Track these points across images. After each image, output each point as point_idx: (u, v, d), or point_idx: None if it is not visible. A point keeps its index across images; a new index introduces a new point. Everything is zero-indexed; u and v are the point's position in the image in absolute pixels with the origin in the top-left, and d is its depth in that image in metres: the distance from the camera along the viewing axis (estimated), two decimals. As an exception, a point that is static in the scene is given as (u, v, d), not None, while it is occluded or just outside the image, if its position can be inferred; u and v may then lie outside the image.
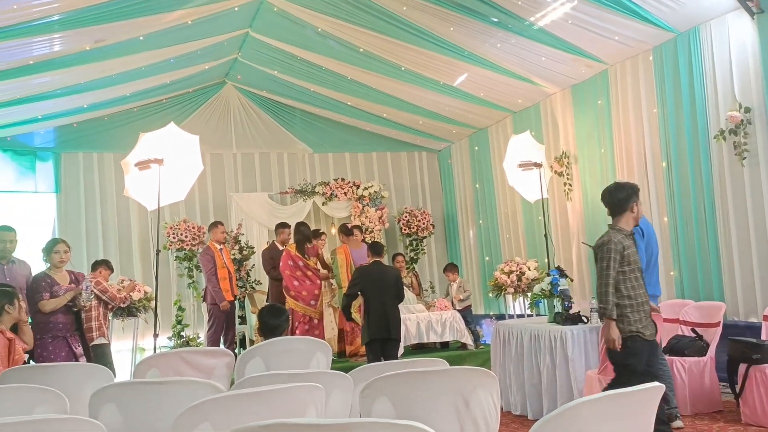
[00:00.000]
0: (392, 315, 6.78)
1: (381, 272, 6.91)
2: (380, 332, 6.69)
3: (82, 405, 3.27)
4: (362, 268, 7.07)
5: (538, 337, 5.90)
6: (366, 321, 6.79)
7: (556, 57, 7.75)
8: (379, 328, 6.70)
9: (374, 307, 6.75)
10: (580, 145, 8.57)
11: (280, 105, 11.24)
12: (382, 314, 6.73)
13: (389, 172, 12.07)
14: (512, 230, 10.19)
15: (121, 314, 7.97)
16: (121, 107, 10.08)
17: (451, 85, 9.03)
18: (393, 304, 6.86)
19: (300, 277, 8.26)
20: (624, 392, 2.07)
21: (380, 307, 6.74)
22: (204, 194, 10.89)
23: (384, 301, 6.76)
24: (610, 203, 4.46)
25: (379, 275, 6.85)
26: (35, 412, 2.98)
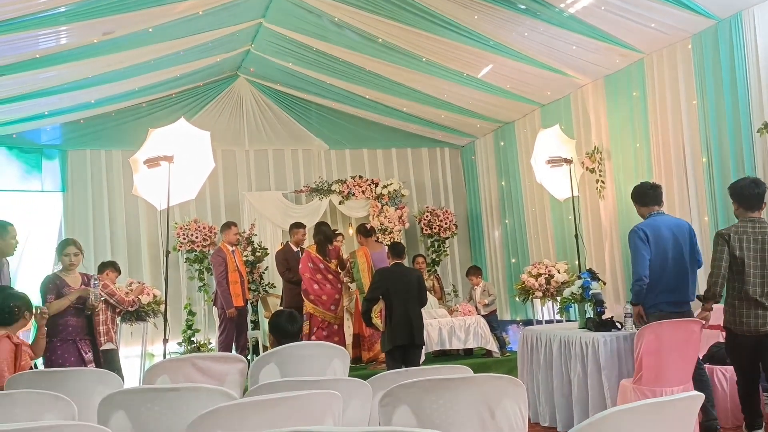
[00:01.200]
0: (415, 320, 6.78)
1: (403, 275, 6.92)
2: (403, 338, 6.70)
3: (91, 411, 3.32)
4: (383, 270, 7.07)
5: (569, 344, 5.87)
6: (388, 326, 6.80)
7: (587, 46, 7.70)
8: (401, 334, 6.70)
9: (396, 312, 6.75)
10: (613, 139, 8.51)
11: (294, 99, 11.29)
12: (404, 319, 6.73)
13: (410, 169, 12.07)
14: (540, 230, 10.15)
15: (129, 318, 8.04)
16: (129, 102, 10.18)
17: (476, 77, 9.01)
18: (416, 308, 6.86)
19: (320, 280, 8.29)
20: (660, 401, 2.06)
21: (403, 312, 6.75)
22: (215, 193, 10.97)
23: (407, 305, 6.76)
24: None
25: (401, 278, 6.85)
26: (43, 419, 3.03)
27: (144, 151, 7.15)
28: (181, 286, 10.41)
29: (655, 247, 5.32)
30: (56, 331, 5.52)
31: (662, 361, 4.91)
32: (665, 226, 5.38)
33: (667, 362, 4.92)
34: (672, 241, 5.34)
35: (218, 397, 2.89)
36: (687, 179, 7.35)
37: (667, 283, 5.33)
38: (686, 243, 5.38)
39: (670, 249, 5.33)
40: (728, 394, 5.68)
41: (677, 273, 5.34)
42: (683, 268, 5.36)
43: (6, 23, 6.36)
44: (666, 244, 5.33)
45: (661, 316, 5.23)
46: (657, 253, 5.32)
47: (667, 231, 5.36)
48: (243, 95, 11.13)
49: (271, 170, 11.38)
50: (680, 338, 4.94)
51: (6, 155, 9.87)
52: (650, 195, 5.54)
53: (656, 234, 5.34)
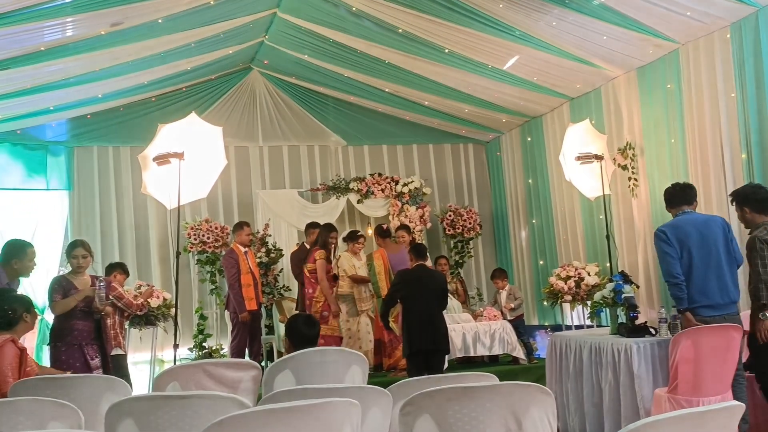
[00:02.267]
0: (439, 324, 6.79)
1: (426, 277, 6.92)
2: (426, 343, 6.70)
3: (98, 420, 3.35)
4: (405, 272, 7.08)
5: (600, 350, 5.84)
6: (407, 331, 6.79)
7: (619, 36, 7.65)
8: (424, 339, 6.71)
9: (418, 316, 6.75)
10: (647, 134, 8.45)
11: (310, 92, 11.31)
12: (427, 323, 6.73)
13: (431, 166, 12.06)
14: (570, 231, 10.11)
15: (138, 323, 8.10)
16: (138, 97, 10.26)
17: (501, 69, 8.98)
18: (439, 312, 6.87)
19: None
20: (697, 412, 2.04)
21: (425, 316, 6.75)
22: (228, 191, 11.02)
23: (429, 309, 6.77)
24: None
25: (424, 280, 6.86)
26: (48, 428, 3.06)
27: (153, 148, 7.19)
28: (192, 289, 10.47)
29: (679, 247, 5.26)
30: (61, 335, 5.56)
31: (699, 369, 4.87)
32: (691, 225, 5.30)
33: (704, 371, 4.87)
34: (698, 240, 5.24)
35: (230, 405, 2.90)
36: (725, 177, 7.28)
37: (696, 285, 5.25)
38: (719, 239, 5.26)
39: (695, 248, 5.25)
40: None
41: (706, 274, 5.24)
42: (716, 268, 5.25)
43: (9, 15, 6.43)
44: (691, 243, 5.25)
45: (700, 320, 5.17)
46: (682, 255, 5.25)
47: (693, 229, 5.28)
48: (257, 89, 11.17)
49: (286, 167, 11.41)
50: (719, 345, 4.90)
51: (10, 152, 9.97)
52: (678, 195, 5.48)
53: (679, 233, 5.28)
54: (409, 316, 6.81)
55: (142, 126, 9.79)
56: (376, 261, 8.60)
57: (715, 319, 5.15)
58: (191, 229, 10.14)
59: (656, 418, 2.00)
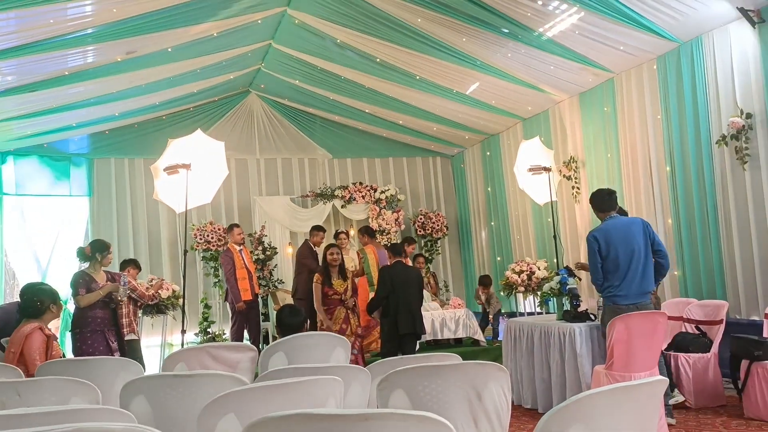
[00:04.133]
0: (417, 312, 6.86)
1: (406, 272, 6.97)
2: (406, 328, 6.75)
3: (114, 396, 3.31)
4: (387, 268, 7.08)
5: (548, 334, 5.87)
6: (392, 318, 6.79)
7: (564, 66, 7.71)
8: (405, 324, 6.76)
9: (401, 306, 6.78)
10: (587, 150, 8.52)
11: (301, 113, 11.28)
12: (408, 312, 6.77)
13: (405, 176, 12.07)
14: (523, 231, 10.16)
15: (150, 311, 8.02)
16: (150, 115, 10.17)
17: (464, 93, 9.02)
18: (417, 301, 6.91)
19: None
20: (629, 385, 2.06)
21: (407, 305, 6.79)
22: (229, 197, 10.95)
23: (410, 299, 6.80)
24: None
25: (405, 275, 6.91)
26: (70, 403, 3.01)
27: (164, 160, 7.13)
28: (198, 282, 10.38)
29: (606, 248, 5.28)
30: (86, 323, 5.50)
31: (631, 349, 4.91)
32: (616, 228, 5.32)
33: (635, 350, 4.92)
34: (623, 240, 5.25)
35: (230, 383, 2.88)
36: (653, 186, 7.37)
37: (619, 278, 5.26)
38: (640, 239, 5.25)
39: (620, 247, 5.26)
40: (691, 378, 5.70)
41: (628, 269, 5.24)
42: (636, 263, 5.25)
43: (38, 44, 6.36)
44: (617, 243, 5.27)
45: (615, 309, 5.18)
46: (609, 254, 5.28)
47: (618, 232, 5.29)
48: (254, 109, 11.12)
49: (280, 177, 11.36)
50: (647, 328, 4.94)
51: (38, 163, 9.85)
52: (606, 202, 5.46)
53: (607, 236, 5.30)
54: (392, 306, 6.81)
55: (154, 140, 9.72)
56: (369, 255, 8.57)
57: (629, 307, 5.16)
58: (197, 230, 10.07)
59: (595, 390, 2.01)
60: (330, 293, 6.90)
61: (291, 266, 10.76)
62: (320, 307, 6.91)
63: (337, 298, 6.91)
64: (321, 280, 6.91)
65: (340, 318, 6.89)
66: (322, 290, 6.89)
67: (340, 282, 6.96)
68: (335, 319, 6.87)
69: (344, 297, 6.93)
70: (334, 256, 6.94)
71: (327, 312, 6.89)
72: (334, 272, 6.96)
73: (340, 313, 6.90)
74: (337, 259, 6.95)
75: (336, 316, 6.88)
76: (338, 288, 6.92)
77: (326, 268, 6.97)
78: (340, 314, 6.90)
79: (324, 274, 6.95)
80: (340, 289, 6.93)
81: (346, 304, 6.93)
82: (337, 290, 6.91)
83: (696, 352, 5.81)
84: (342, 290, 6.94)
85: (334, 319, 6.86)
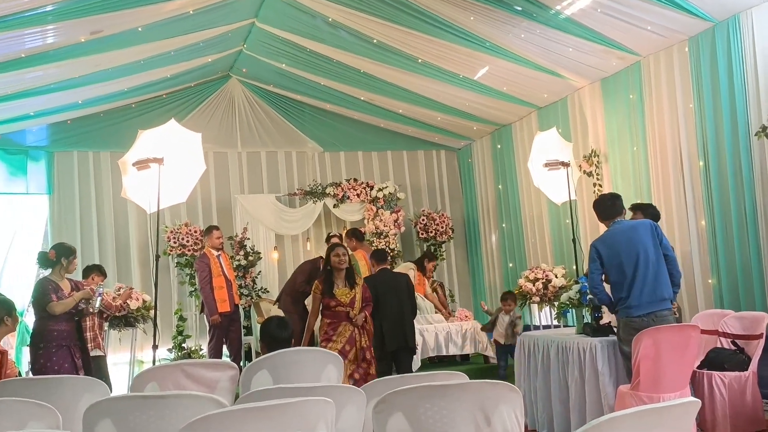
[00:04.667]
0: (408, 323, 6.82)
1: (391, 280, 6.96)
2: (395, 342, 6.72)
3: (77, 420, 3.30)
4: (371, 278, 7.09)
5: (566, 349, 5.88)
6: (379, 332, 6.79)
7: (584, 48, 7.72)
8: (394, 339, 6.72)
9: (390, 317, 6.76)
10: (610, 142, 8.53)
11: (288, 100, 11.29)
12: (397, 323, 6.75)
13: (405, 172, 12.08)
14: (538, 234, 10.17)
15: (117, 324, 8.00)
16: (118, 103, 10.16)
17: (472, 79, 9.02)
18: (407, 311, 6.88)
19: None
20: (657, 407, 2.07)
21: (396, 317, 6.77)
22: (207, 196, 10.96)
23: (399, 309, 6.79)
24: None
25: (390, 283, 6.89)
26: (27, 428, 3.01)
27: (133, 153, 7.12)
28: (171, 291, 10.39)
29: (609, 257, 5.32)
30: (50, 337, 5.48)
31: (660, 366, 4.91)
32: (619, 233, 5.35)
33: (664, 368, 4.92)
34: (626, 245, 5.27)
35: (208, 405, 2.88)
36: (684, 183, 7.38)
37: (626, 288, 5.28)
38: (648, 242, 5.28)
39: (624, 254, 5.28)
40: (726, 400, 5.69)
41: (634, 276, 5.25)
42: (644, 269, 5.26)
43: (-8, 22, 6.34)
44: (620, 249, 5.30)
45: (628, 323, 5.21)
46: (613, 262, 5.30)
47: (621, 236, 5.32)
48: (235, 96, 11.13)
49: (264, 173, 11.36)
50: (678, 343, 4.95)
51: (-10, 157, 9.84)
52: (609, 209, 5.50)
53: (611, 244, 5.34)
54: (380, 318, 6.81)
55: (122, 132, 9.70)
56: (360, 261, 8.56)
57: (643, 319, 5.18)
58: (171, 232, 10.07)
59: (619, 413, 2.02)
60: (333, 304, 6.27)
61: (276, 273, 10.80)
62: (312, 323, 6.55)
63: (343, 311, 6.28)
64: (321, 290, 6.33)
65: (345, 336, 6.25)
66: (322, 301, 6.31)
67: (346, 291, 6.33)
68: (338, 335, 6.25)
69: (351, 310, 6.29)
70: (340, 258, 6.34)
71: (330, 327, 6.29)
72: (339, 278, 6.37)
73: (345, 330, 6.26)
74: (343, 262, 6.34)
75: (340, 332, 6.25)
76: (342, 298, 6.29)
77: (328, 273, 6.38)
78: (345, 331, 6.26)
79: (325, 281, 6.34)
80: (346, 300, 6.29)
81: (355, 320, 6.27)
82: (342, 301, 6.28)
83: (732, 371, 5.81)
84: (348, 301, 6.29)
85: (337, 335, 6.25)
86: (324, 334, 6.35)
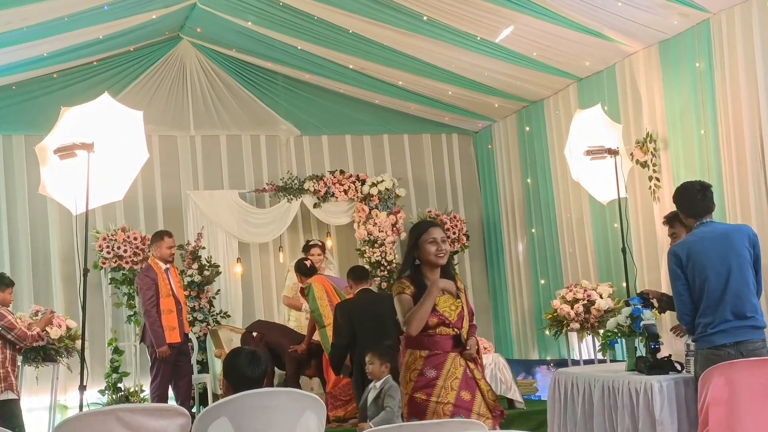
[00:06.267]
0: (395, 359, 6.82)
1: (373, 305, 6.96)
2: None
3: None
4: (345, 304, 7.11)
5: (614, 390, 5.87)
6: (359, 375, 6.80)
7: (638, 3, 7.73)
8: None
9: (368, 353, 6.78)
10: (671, 124, 8.54)
11: (255, 69, 11.28)
12: None
13: (407, 161, 12.10)
14: (578, 242, 10.17)
15: (34, 358, 8.00)
16: (35, 72, 10.15)
17: (493, 42, 9.03)
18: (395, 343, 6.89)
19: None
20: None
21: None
22: (150, 192, 10.94)
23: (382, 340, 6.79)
24: None
25: (371, 309, 6.89)
26: None
27: (55, 137, 7.12)
28: (104, 316, 10.35)
29: (692, 268, 5.30)
30: None
31: (736, 414, 4.92)
32: (709, 240, 5.32)
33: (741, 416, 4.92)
34: (717, 256, 5.28)
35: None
36: (766, 175, 7.38)
37: (710, 308, 5.28)
38: (743, 254, 5.31)
39: (712, 266, 5.28)
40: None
41: (723, 294, 5.26)
42: (735, 286, 5.27)
43: None
44: (708, 261, 5.29)
45: (710, 354, 5.20)
46: (697, 276, 5.30)
47: (710, 244, 5.30)
48: (187, 63, 11.12)
49: (225, 163, 11.37)
50: (761, 384, 4.95)
51: None
52: (698, 202, 5.46)
53: (694, 252, 5.32)
54: (359, 356, 6.81)
55: (40, 109, 9.71)
56: (315, 284, 8.53)
57: (729, 349, 5.17)
58: (103, 239, 10.03)
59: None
60: (433, 324, 4.91)
61: (240, 292, 10.79)
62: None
63: (449, 336, 4.98)
64: (413, 294, 5.00)
65: (456, 376, 4.92)
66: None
67: (450, 300, 5.06)
68: (446, 377, 4.89)
69: (460, 331, 5.02)
70: (438, 245, 5.00)
71: (428, 363, 4.89)
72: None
73: (456, 367, 4.96)
74: (443, 252, 5.01)
75: (449, 372, 4.92)
76: (447, 312, 5.01)
77: (417, 271, 5.11)
78: (456, 368, 4.95)
79: (416, 282, 5.04)
80: (453, 315, 5.02)
81: (469, 348, 5.03)
82: (448, 317, 5.01)
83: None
84: (456, 316, 5.04)
85: (444, 377, 4.87)
86: (417, 378, 4.91)
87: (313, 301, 8.44)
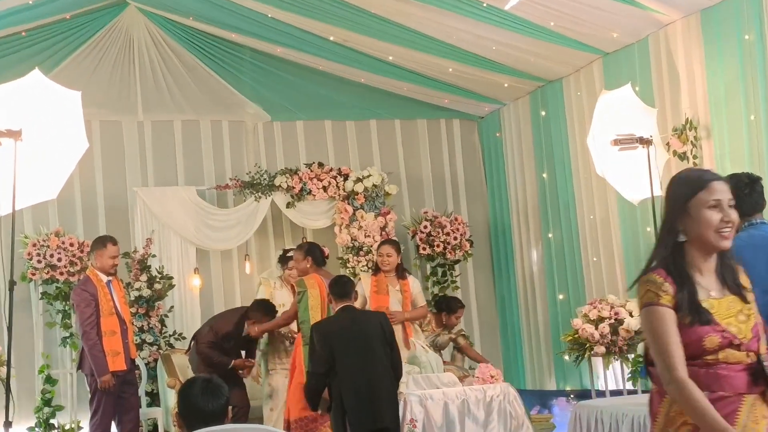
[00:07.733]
0: (384, 391, 6.85)
1: (356, 325, 6.98)
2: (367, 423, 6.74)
3: None
4: (322, 325, 7.13)
5: (646, 427, 5.90)
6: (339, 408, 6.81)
7: (675, -38, 7.78)
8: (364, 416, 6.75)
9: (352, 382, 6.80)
10: (714, 108, 8.57)
11: (216, 41, 11.28)
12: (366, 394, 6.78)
13: (398, 152, 12.14)
14: (603, 250, 10.20)
15: (-50, 389, 7.99)
16: (-49, 45, 10.16)
17: (501, 9, 9.04)
18: (384, 373, 6.91)
19: None
20: None
21: (362, 381, 6.79)
22: (90, 189, 10.93)
23: (368, 369, 6.81)
24: None
25: (354, 330, 6.91)
26: None
27: (-25, 123, 7.12)
28: (34, 338, 10.33)
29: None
30: None
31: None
32: (756, 245, 5.36)
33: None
34: (767, 272, 5.31)
35: None
36: (829, 170, 7.43)
37: None
38: None
39: (762, 278, 5.30)
40: None
41: None
42: None
43: None
44: (756, 273, 5.30)
45: None
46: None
47: (759, 252, 5.33)
48: (134, 35, 11.10)
49: (180, 154, 11.38)
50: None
51: None
52: (746, 199, 5.49)
53: (744, 258, 5.34)
54: (340, 386, 6.82)
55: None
56: (311, 289, 8.52)
57: None
58: (33, 246, 10.03)
59: None
60: (713, 344, 3.83)
61: (198, 309, 10.77)
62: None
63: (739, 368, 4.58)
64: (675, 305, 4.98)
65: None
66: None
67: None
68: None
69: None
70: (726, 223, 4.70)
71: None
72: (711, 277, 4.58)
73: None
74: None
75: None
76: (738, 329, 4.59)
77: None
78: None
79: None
80: (747, 333, 4.57)
81: None
82: (740, 336, 4.68)
83: None
84: (751, 334, 4.58)
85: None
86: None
87: (304, 312, 8.41)
